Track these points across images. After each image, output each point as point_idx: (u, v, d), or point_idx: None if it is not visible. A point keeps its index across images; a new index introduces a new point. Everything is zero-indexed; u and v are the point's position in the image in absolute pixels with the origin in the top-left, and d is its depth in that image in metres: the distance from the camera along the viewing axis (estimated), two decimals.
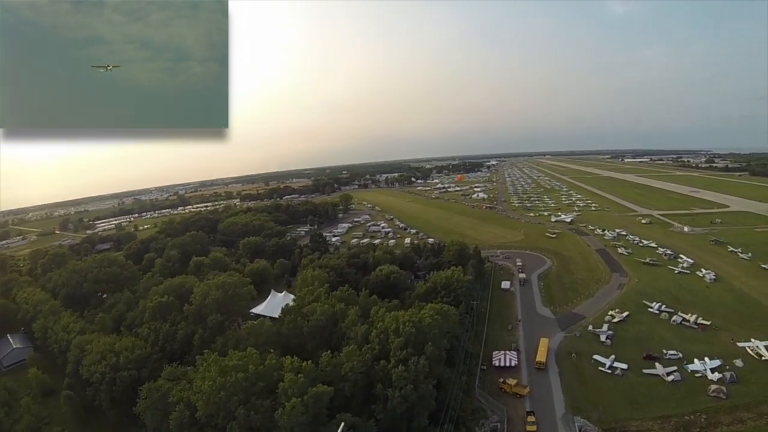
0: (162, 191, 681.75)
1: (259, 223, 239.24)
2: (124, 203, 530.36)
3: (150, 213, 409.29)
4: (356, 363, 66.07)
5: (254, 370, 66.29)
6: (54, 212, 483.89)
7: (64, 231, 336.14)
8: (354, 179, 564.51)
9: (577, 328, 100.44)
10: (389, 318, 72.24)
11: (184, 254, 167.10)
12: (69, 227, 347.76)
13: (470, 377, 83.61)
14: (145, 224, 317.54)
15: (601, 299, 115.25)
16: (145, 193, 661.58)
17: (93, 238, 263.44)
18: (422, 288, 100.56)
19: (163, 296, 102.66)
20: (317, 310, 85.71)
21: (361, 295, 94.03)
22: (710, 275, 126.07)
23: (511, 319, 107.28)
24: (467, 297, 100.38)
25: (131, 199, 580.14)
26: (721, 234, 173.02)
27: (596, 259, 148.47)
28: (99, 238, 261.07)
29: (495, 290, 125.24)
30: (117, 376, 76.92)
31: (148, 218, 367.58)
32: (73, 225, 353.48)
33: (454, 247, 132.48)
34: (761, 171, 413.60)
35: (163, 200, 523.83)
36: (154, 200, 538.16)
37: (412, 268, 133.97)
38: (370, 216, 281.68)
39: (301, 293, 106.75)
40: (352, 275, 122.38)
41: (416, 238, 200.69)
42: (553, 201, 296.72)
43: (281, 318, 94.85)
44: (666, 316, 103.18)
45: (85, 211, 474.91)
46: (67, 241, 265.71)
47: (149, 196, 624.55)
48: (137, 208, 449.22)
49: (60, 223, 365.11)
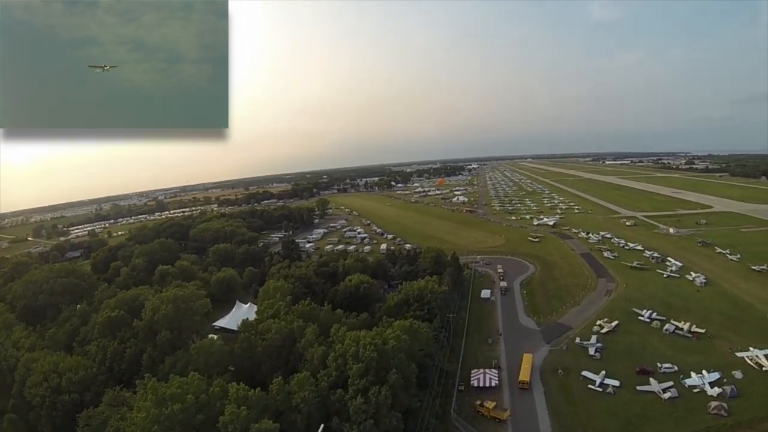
0: (142, 196, 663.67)
1: (231, 229, 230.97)
2: (101, 209, 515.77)
3: (126, 219, 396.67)
4: (308, 393, 56.07)
5: (194, 401, 57.69)
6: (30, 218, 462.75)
7: (38, 238, 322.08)
8: (333, 183, 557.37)
9: (564, 340, 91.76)
10: (349, 339, 62.17)
11: (151, 262, 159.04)
12: (42, 234, 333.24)
13: (446, 400, 74.27)
14: (120, 230, 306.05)
15: (588, 307, 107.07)
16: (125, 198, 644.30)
17: (63, 245, 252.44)
18: (393, 300, 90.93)
19: (114, 310, 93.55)
20: (272, 327, 75.60)
21: (322, 310, 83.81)
22: (700, 278, 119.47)
23: (491, 332, 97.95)
24: (443, 309, 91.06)
25: (109, 205, 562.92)
26: (708, 235, 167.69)
27: (581, 264, 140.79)
28: (69, 246, 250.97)
29: (474, 300, 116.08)
30: (58, 400, 69.70)
31: (124, 224, 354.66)
32: (47, 232, 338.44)
33: (430, 254, 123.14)
34: (741, 172, 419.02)
35: (142, 205, 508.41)
36: (132, 205, 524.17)
37: (385, 277, 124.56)
38: (347, 221, 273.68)
39: (261, 307, 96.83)
40: (320, 286, 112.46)
41: (393, 244, 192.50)
42: (535, 204, 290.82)
43: (237, 336, 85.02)
44: (658, 325, 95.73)
45: (62, 217, 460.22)
46: (38, 249, 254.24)
47: (129, 201, 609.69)
48: (113, 214, 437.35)
49: (33, 230, 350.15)
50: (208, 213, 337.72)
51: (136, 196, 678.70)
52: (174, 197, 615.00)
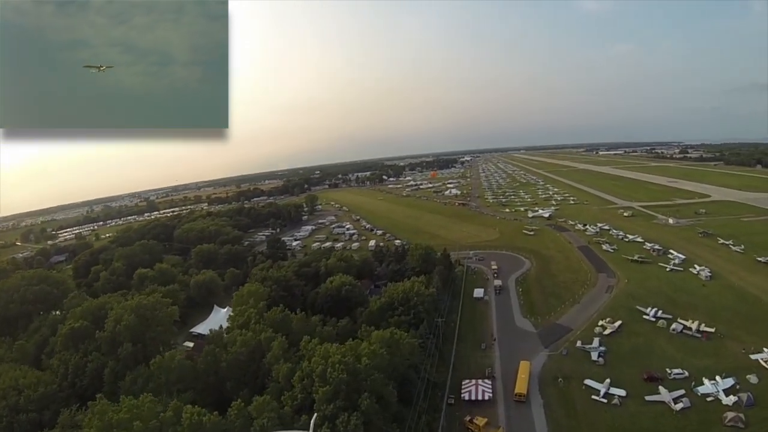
0: (134, 197, 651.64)
1: (216, 228, 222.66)
2: (92, 210, 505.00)
3: (115, 220, 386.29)
4: (267, 420, 47.87)
5: (141, 428, 49.84)
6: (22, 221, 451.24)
7: (26, 242, 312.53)
8: (325, 179, 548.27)
9: (564, 344, 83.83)
10: (318, 356, 53.79)
11: (131, 266, 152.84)
12: (30, 238, 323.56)
13: (434, 415, 66.51)
14: (108, 232, 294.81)
15: (589, 305, 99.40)
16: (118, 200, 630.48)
17: (48, 250, 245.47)
18: (376, 304, 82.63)
19: (78, 321, 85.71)
20: (238, 339, 67.32)
21: (294, 318, 75.49)
22: (705, 272, 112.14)
23: (485, 336, 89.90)
24: (431, 313, 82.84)
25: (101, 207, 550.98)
26: (708, 225, 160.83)
27: (579, 258, 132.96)
28: (55, 250, 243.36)
29: (467, 300, 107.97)
30: (15, 420, 64.23)
31: (113, 226, 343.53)
32: (35, 236, 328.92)
33: (418, 252, 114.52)
34: (735, 160, 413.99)
35: (132, 206, 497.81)
36: (122, 207, 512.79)
37: (371, 277, 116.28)
38: (336, 217, 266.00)
39: (233, 314, 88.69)
40: (300, 288, 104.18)
41: (382, 240, 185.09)
42: (529, 195, 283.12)
43: None
44: (664, 324, 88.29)
45: (53, 220, 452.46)
46: (25, 254, 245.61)
47: (121, 202, 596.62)
48: (103, 216, 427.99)
49: (22, 234, 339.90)
50: (196, 212, 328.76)
51: (128, 196, 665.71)
52: (165, 197, 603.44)
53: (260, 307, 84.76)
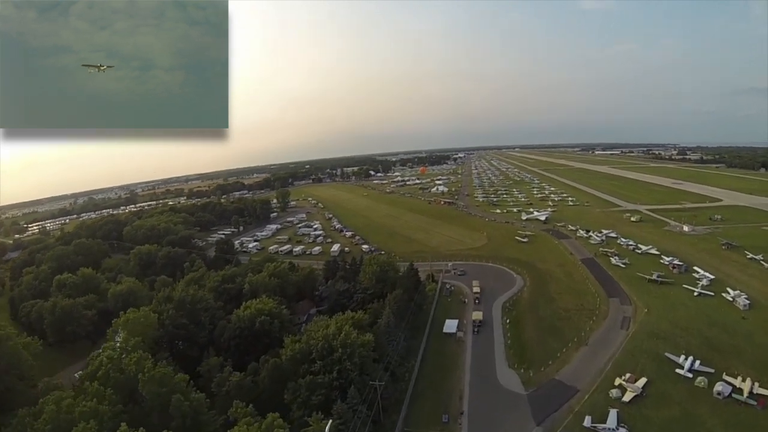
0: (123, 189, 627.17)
1: (165, 226, 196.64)
2: (76, 203, 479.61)
3: (89, 213, 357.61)
4: None
5: None
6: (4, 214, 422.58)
7: None
8: (312, 173, 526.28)
9: (565, 417, 56.91)
10: None
11: (63, 268, 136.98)
12: None
13: None
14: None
15: (600, 350, 72.41)
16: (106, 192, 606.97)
17: (5, 245, 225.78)
18: (287, 352, 55.34)
19: None
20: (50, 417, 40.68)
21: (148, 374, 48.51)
22: (742, 298, 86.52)
23: (450, 400, 62.44)
24: (365, 372, 55.48)
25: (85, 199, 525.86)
26: (728, 234, 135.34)
27: (584, 275, 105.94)
28: (12, 246, 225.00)
29: (433, 338, 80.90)
30: None
31: (85, 219, 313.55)
32: (5, 229, 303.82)
33: (371, 269, 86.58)
34: (738, 163, 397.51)
35: (116, 199, 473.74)
36: (105, 199, 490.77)
37: (312, 297, 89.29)
38: (307, 215, 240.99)
39: (92, 356, 62.41)
40: (210, 313, 77.16)
41: (350, 244, 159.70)
42: (523, 195, 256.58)
43: None
44: (704, 383, 62.19)
45: (33, 212, 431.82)
46: None
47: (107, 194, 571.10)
48: (78, 209, 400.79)
49: None
50: (158, 208, 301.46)
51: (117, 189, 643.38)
52: (151, 190, 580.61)
53: (133, 344, 58.88)
